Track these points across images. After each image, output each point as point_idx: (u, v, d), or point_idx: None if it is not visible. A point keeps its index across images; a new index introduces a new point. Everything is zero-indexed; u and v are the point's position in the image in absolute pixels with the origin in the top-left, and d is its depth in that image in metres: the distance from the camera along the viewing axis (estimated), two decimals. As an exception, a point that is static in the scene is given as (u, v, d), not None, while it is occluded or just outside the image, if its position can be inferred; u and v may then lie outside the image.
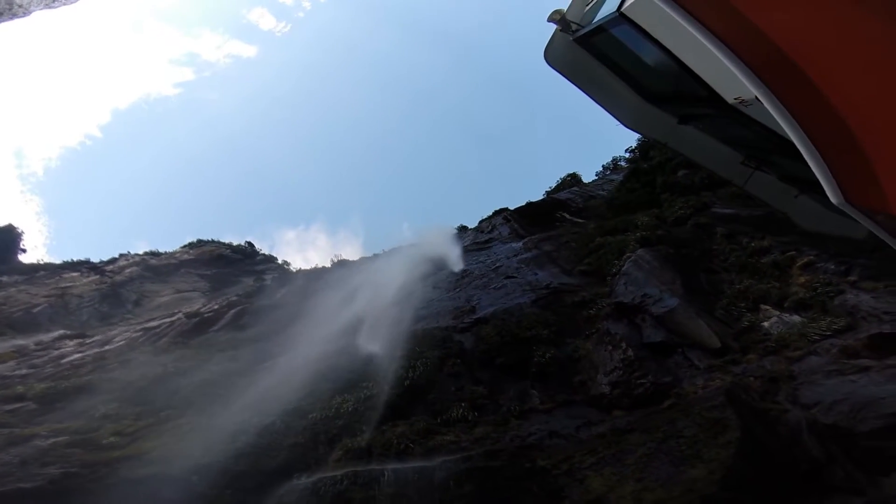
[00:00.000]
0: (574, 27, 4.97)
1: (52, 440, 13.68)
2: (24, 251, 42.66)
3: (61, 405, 16.78)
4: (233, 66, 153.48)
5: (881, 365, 10.23)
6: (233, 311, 26.44)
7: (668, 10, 2.58)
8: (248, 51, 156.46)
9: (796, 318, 12.89)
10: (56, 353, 22.41)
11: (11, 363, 21.12)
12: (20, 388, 18.14)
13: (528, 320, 17.38)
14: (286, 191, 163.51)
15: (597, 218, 23.98)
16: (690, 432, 9.68)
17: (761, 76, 2.32)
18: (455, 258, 25.11)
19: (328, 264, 33.97)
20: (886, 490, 8.56)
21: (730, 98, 3.91)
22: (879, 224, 2.27)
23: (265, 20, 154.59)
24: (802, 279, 14.10)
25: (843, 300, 12.46)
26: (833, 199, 2.26)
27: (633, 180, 25.03)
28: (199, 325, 25.07)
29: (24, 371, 20.30)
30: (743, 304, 14.42)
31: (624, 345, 14.21)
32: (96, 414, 15.89)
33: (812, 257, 14.78)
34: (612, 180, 28.34)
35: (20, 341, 24.98)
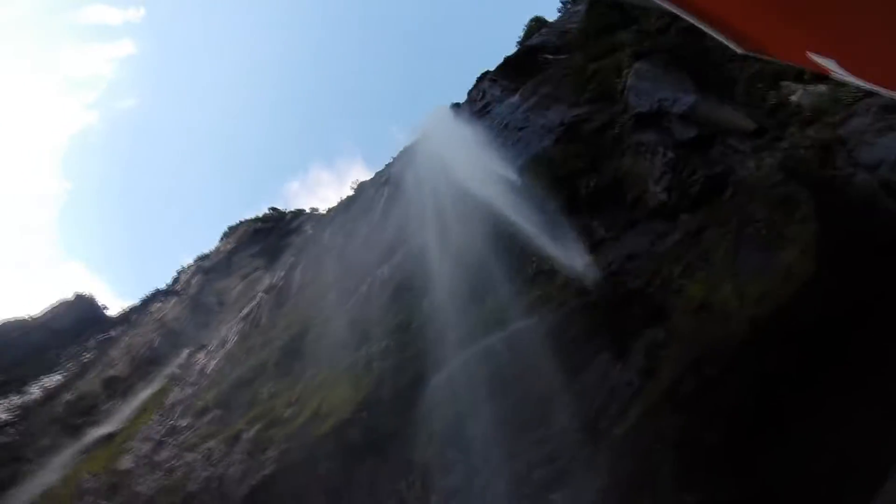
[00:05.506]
0: None
1: (254, 429, 15.57)
2: (106, 308, 43.14)
3: (235, 401, 18.23)
4: (122, 67, 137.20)
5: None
6: (298, 270, 27.16)
7: None
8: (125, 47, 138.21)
9: (822, 87, 11.78)
10: (198, 367, 24.25)
11: (175, 390, 23.15)
12: (200, 403, 19.95)
13: (559, 158, 16.47)
14: (261, 153, 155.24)
15: (579, 49, 21.75)
16: (763, 215, 9.33)
17: None
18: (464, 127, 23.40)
19: (350, 192, 33.16)
20: None
21: None
22: None
23: (109, 15, 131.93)
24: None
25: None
26: None
27: (600, 4, 22.09)
28: (280, 294, 26.04)
29: (189, 391, 22.11)
30: (762, 85, 13.45)
31: (661, 149, 13.36)
32: (263, 396, 17.32)
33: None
34: (577, 11, 25.06)
35: (165, 370, 27.14)
